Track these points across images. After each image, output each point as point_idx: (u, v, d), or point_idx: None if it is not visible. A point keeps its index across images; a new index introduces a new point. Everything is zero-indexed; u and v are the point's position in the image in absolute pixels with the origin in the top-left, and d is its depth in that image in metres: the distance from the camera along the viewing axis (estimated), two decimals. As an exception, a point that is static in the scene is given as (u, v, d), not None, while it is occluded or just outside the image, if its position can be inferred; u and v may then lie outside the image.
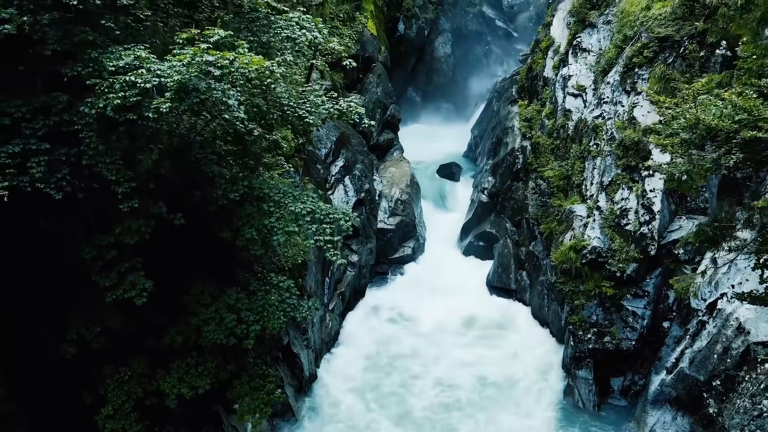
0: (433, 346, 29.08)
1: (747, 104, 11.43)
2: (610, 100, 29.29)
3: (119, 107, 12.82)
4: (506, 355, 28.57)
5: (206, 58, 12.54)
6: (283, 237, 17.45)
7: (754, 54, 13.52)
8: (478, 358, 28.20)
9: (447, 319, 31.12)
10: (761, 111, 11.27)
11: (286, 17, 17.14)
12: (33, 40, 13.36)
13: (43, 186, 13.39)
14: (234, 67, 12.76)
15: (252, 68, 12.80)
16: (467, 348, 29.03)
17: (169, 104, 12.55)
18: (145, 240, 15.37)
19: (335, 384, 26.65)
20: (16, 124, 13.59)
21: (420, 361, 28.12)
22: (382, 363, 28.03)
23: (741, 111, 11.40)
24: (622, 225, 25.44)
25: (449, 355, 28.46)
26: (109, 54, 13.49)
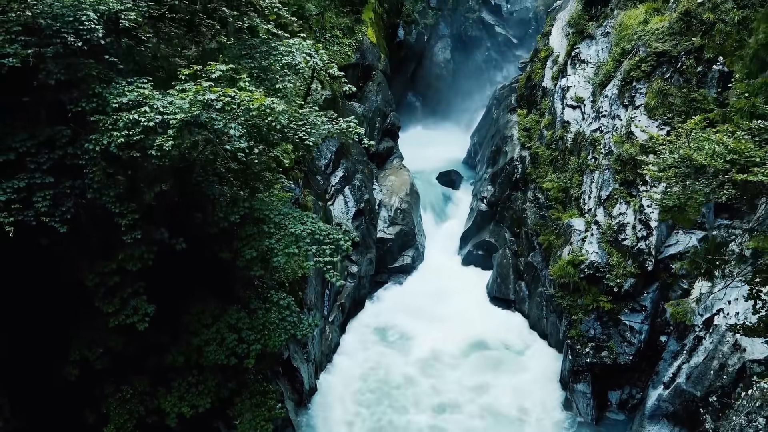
0: (431, 362, 29.18)
1: (738, 147, 11.63)
2: (608, 113, 29.46)
3: (123, 145, 13.02)
4: (505, 368, 28.71)
5: (208, 96, 12.73)
6: (283, 258, 17.64)
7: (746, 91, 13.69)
8: (476, 372, 28.33)
9: (446, 333, 31.17)
10: (753, 152, 11.45)
11: (286, 43, 17.31)
12: (37, 71, 13.55)
13: (48, 220, 13.60)
14: (236, 103, 12.95)
15: (253, 105, 12.99)
16: (466, 362, 29.10)
17: (172, 142, 12.74)
18: (147, 266, 15.55)
19: (335, 397, 26.81)
20: (21, 158, 13.79)
21: (418, 378, 28.17)
22: (381, 380, 28.06)
23: (732, 152, 11.60)
24: (619, 240, 25.63)
25: (447, 372, 28.55)
26: (112, 89, 13.69)
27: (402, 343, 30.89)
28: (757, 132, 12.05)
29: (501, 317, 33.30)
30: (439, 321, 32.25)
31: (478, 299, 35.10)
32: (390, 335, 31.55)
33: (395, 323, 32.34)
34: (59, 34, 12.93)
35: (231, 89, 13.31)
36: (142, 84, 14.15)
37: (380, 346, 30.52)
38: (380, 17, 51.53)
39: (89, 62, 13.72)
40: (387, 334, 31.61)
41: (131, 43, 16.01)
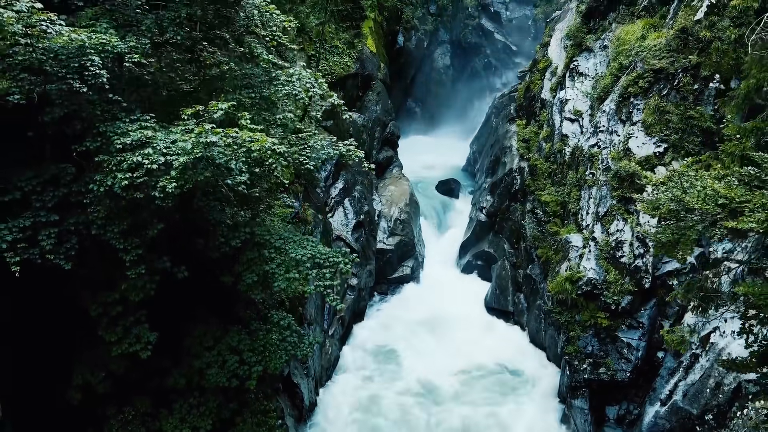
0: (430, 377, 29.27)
1: (728, 193, 11.83)
2: (605, 128, 29.66)
3: (127, 186, 13.23)
4: (503, 382, 28.90)
5: (210, 138, 12.93)
6: (283, 284, 17.81)
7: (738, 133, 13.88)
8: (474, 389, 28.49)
9: (445, 348, 31.31)
10: (744, 197, 11.65)
11: (287, 72, 17.50)
12: (42, 107, 13.75)
13: (53, 257, 13.82)
14: (237, 143, 13.16)
15: (255, 147, 13.19)
16: (464, 379, 29.22)
17: (175, 184, 12.95)
18: (149, 296, 15.77)
19: (335, 414, 27.00)
20: (27, 196, 14.02)
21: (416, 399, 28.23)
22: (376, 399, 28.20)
23: (723, 198, 11.81)
24: (617, 257, 25.84)
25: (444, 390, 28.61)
26: (116, 128, 13.89)
27: (400, 358, 30.84)
28: (747, 178, 12.25)
29: (500, 329, 33.52)
30: (438, 335, 32.44)
31: (476, 311, 35.32)
32: (388, 350, 31.54)
33: (394, 337, 32.38)
34: (65, 79, 13.15)
35: (233, 129, 13.51)
36: (146, 122, 14.36)
37: (378, 363, 30.49)
38: (380, 25, 51.72)
39: (93, 100, 13.90)
40: (385, 350, 31.57)
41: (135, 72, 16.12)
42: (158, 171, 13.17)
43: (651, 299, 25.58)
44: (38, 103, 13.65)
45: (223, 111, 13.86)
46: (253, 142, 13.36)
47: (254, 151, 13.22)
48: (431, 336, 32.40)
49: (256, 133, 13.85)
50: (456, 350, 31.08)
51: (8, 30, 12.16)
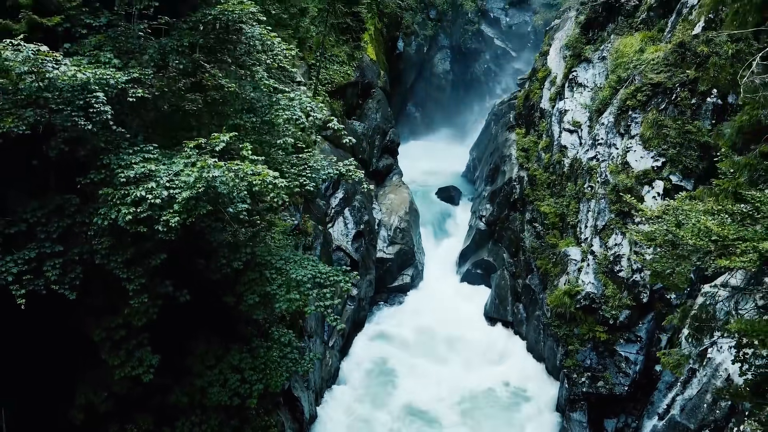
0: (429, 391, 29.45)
1: (720, 231, 12.02)
2: (604, 141, 29.84)
3: (130, 220, 13.42)
4: (503, 395, 29.09)
5: (213, 173, 13.11)
6: (284, 305, 18.00)
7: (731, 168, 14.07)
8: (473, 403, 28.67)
9: (444, 361, 31.56)
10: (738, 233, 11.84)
11: (287, 97, 17.68)
12: (46, 137, 13.93)
13: (58, 287, 14.03)
14: (239, 177, 13.35)
15: (256, 181, 13.38)
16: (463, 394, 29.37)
17: (178, 218, 13.14)
18: (152, 320, 15.96)
19: (334, 427, 27.20)
20: (32, 228, 14.22)
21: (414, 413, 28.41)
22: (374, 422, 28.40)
23: (715, 235, 12.01)
24: (615, 271, 26.03)
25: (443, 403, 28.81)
26: (119, 159, 14.09)
27: (398, 378, 30.77)
28: (739, 217, 12.44)
29: (499, 340, 33.67)
30: (437, 347, 32.62)
31: (476, 320, 35.50)
32: (388, 369, 31.49)
33: (393, 352, 32.43)
34: (70, 117, 13.33)
35: (235, 162, 13.71)
36: (149, 153, 14.55)
37: (377, 382, 30.53)
38: (380, 32, 51.92)
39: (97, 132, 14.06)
40: (385, 368, 31.48)
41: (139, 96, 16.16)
42: (161, 204, 13.35)
43: (649, 313, 25.77)
44: (43, 133, 13.82)
45: (225, 143, 14.05)
46: (254, 175, 13.54)
47: (256, 185, 13.42)
48: (430, 349, 32.53)
49: (257, 164, 14.03)
50: (454, 363, 31.27)
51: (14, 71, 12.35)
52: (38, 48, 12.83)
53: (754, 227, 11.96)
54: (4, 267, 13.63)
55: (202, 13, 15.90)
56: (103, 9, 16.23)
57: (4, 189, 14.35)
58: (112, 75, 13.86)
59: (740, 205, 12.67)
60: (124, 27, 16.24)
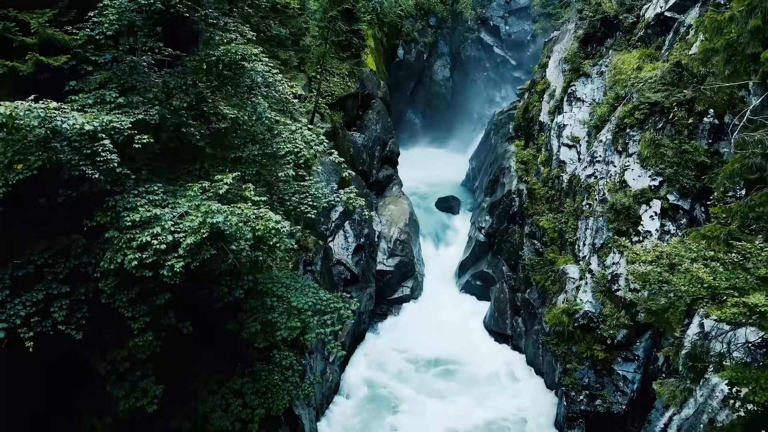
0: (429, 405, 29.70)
1: (712, 282, 12.28)
2: (602, 159, 30.11)
3: (136, 265, 13.70)
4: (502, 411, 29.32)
5: (216, 219, 13.38)
6: (285, 333, 18.22)
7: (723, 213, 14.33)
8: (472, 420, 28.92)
9: (443, 375, 31.75)
10: (730, 281, 12.11)
11: (289, 129, 17.94)
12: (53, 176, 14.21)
13: (65, 328, 14.31)
14: (242, 221, 13.60)
15: (259, 226, 13.64)
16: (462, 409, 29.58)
17: (182, 263, 13.41)
18: (156, 353, 16.23)
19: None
20: (39, 269, 14.49)
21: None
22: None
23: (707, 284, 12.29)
24: (612, 290, 26.31)
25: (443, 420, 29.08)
26: (125, 202, 14.36)
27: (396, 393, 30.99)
28: (731, 266, 12.71)
29: (498, 354, 33.86)
30: (437, 360, 32.76)
31: (475, 334, 35.74)
32: (386, 382, 31.69)
33: (392, 366, 32.68)
34: (77, 166, 13.60)
35: (238, 206, 13.96)
36: (154, 194, 14.81)
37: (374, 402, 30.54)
38: (380, 42, 52.17)
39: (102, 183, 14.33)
40: (383, 392, 31.34)
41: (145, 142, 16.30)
42: (166, 249, 13.62)
43: (646, 331, 26.04)
44: (49, 172, 14.08)
45: (228, 185, 14.31)
46: (258, 219, 13.80)
47: (259, 230, 13.68)
48: (430, 363, 32.72)
49: (260, 207, 14.29)
50: (453, 380, 31.41)
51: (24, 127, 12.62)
52: (48, 105, 13.06)
53: (746, 276, 12.26)
54: (13, 310, 13.90)
55: (206, 53, 16.15)
56: (108, 45, 16.44)
57: (12, 230, 14.61)
58: (119, 121, 14.12)
59: (731, 254, 12.94)
60: (128, 63, 16.47)
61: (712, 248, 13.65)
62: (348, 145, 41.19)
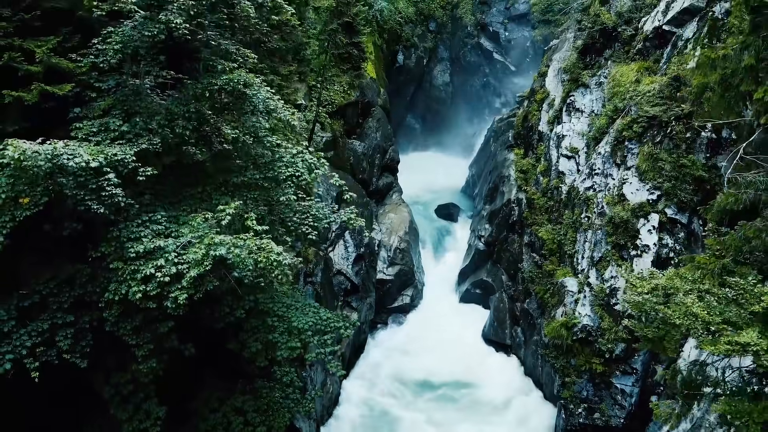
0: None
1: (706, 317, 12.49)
2: (601, 171, 30.28)
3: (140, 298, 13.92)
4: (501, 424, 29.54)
5: (219, 251, 13.60)
6: (286, 353, 18.48)
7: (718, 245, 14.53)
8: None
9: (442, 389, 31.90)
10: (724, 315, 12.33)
11: (290, 152, 18.14)
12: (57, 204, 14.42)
13: (70, 357, 14.53)
14: (246, 253, 13.81)
15: (261, 259, 13.85)
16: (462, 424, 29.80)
17: (186, 295, 13.63)
18: (158, 376, 16.45)
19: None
20: (44, 299, 14.72)
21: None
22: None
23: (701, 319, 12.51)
24: (611, 304, 26.49)
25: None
26: (129, 233, 14.58)
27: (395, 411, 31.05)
28: (724, 301, 12.92)
29: (497, 364, 34.03)
30: (436, 373, 32.86)
31: (474, 343, 35.92)
32: (385, 402, 31.74)
33: (391, 384, 32.76)
34: (83, 201, 13.82)
35: (241, 237, 14.17)
36: (157, 222, 15.02)
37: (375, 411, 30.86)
38: (380, 49, 52.34)
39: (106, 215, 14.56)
40: (383, 401, 31.69)
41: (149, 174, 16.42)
42: (170, 281, 13.83)
43: (644, 345, 26.20)
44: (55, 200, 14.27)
45: (231, 216, 14.52)
46: (260, 251, 14.00)
47: (260, 263, 13.89)
48: (429, 375, 32.81)
49: (263, 238, 14.49)
50: (452, 394, 31.54)
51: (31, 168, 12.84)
52: (55, 145, 13.25)
53: (739, 311, 12.47)
54: (19, 341, 14.14)
55: (208, 81, 16.34)
56: (112, 69, 16.62)
57: (18, 259, 14.82)
58: (123, 154, 14.33)
59: (725, 289, 13.15)
60: (131, 87, 16.65)
61: (706, 281, 13.86)
62: (348, 153, 41.39)
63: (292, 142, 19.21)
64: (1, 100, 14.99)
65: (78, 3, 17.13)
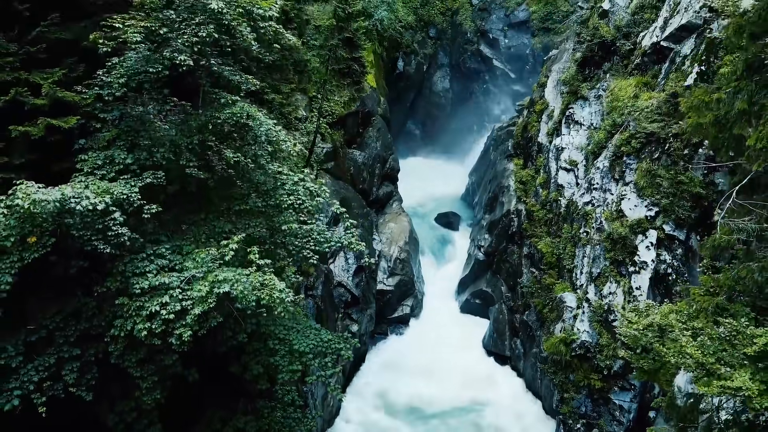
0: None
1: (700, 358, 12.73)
2: (599, 186, 30.53)
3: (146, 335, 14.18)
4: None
5: (223, 288, 13.86)
6: (287, 376, 18.77)
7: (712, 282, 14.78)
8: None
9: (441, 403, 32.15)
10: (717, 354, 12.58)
11: (291, 180, 18.39)
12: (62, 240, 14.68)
13: (75, 390, 14.79)
14: (249, 289, 14.06)
15: (264, 296, 14.10)
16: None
17: (190, 332, 13.89)
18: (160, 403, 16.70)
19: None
20: (51, 333, 14.97)
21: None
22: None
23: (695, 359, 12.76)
24: (609, 321, 26.73)
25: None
26: (134, 268, 14.84)
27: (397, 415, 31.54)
28: (718, 342, 13.16)
29: (497, 376, 34.22)
30: (435, 386, 32.97)
31: (474, 355, 36.11)
32: (385, 407, 32.18)
33: (392, 390, 33.09)
34: (89, 242, 14.07)
35: (244, 273, 14.41)
36: (161, 257, 15.28)
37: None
38: (380, 57, 52.52)
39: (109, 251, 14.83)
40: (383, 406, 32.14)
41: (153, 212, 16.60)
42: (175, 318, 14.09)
43: (642, 361, 26.44)
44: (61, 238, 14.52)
45: (234, 251, 14.77)
46: (264, 287, 14.24)
47: (263, 299, 14.13)
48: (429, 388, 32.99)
49: (266, 272, 14.72)
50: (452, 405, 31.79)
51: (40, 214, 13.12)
52: (63, 192, 13.50)
53: (732, 351, 12.72)
54: (26, 376, 14.40)
55: (212, 114, 16.58)
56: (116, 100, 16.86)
57: (26, 296, 15.06)
58: (129, 192, 14.58)
59: (719, 329, 13.40)
60: (136, 116, 16.89)
61: (701, 318, 14.10)
62: (348, 164, 41.60)
63: (293, 169, 19.42)
64: (8, 135, 15.24)
65: (82, 33, 17.37)
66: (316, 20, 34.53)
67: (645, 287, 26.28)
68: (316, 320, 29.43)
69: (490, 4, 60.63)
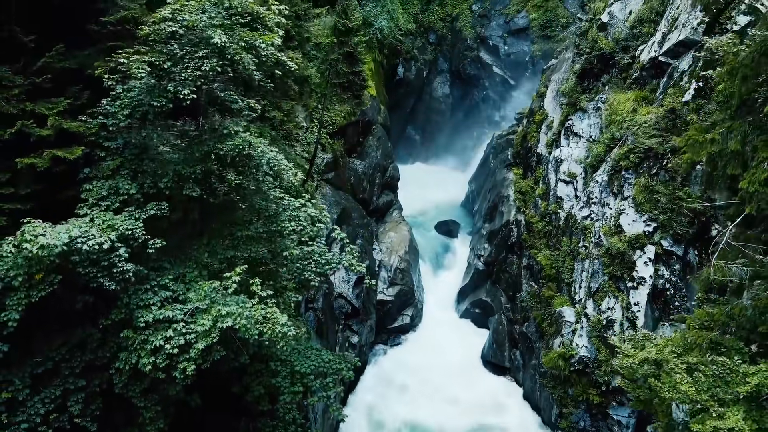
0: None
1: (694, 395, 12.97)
2: (598, 200, 30.73)
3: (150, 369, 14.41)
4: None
5: (226, 323, 14.09)
6: (288, 397, 18.98)
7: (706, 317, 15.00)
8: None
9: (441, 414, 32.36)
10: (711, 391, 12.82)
11: (292, 205, 18.62)
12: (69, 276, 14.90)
13: (80, 420, 15.02)
14: (252, 323, 14.30)
15: (266, 330, 14.33)
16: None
17: (194, 366, 14.12)
18: (164, 431, 16.93)
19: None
20: (57, 365, 15.20)
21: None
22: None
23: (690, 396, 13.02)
24: (607, 336, 26.95)
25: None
26: (139, 300, 15.07)
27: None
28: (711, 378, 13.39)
29: (496, 387, 34.47)
30: (434, 397, 33.21)
31: (474, 365, 36.38)
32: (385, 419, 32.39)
33: (392, 401, 33.33)
34: (95, 279, 14.29)
35: (247, 306, 14.64)
36: (165, 289, 15.51)
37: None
38: (380, 64, 52.77)
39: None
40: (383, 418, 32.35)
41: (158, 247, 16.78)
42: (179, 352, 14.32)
43: (640, 376, 26.69)
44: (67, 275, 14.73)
45: (236, 283, 14.98)
46: (266, 321, 14.47)
47: (265, 333, 14.36)
48: (428, 400, 33.18)
49: (268, 304, 14.93)
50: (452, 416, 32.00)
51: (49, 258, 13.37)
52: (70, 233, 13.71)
53: (725, 388, 12.95)
54: (33, 409, 14.63)
55: (214, 145, 16.78)
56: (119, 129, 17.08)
57: (32, 330, 15.28)
58: (134, 227, 14.80)
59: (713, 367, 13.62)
60: (138, 143, 17.11)
61: (695, 353, 14.34)
62: (349, 173, 41.85)
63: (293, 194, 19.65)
64: (14, 167, 15.46)
65: (86, 62, 17.58)
66: (317, 37, 34.76)
67: (643, 303, 26.50)
68: (316, 332, 29.69)
69: (490, 11, 60.86)
